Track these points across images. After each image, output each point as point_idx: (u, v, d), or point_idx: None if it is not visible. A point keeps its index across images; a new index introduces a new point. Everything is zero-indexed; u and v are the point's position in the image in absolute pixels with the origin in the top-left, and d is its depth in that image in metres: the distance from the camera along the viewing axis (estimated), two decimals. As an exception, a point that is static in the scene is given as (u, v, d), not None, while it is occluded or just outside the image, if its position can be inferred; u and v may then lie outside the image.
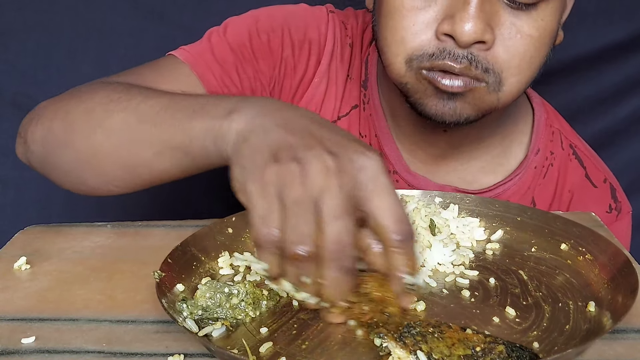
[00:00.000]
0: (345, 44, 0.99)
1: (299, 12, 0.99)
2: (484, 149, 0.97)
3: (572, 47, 1.41)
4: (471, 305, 0.64)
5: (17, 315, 0.65)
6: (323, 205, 0.54)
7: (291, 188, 0.54)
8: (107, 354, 0.58)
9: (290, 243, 0.54)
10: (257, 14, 0.98)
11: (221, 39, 0.94)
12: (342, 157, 0.55)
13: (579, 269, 0.69)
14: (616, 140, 1.48)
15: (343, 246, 0.54)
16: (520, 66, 0.80)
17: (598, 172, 1.01)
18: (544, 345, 0.57)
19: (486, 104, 0.82)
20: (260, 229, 0.55)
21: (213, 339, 0.58)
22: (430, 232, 0.73)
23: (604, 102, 1.45)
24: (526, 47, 0.79)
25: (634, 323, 0.61)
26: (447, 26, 0.77)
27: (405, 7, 0.80)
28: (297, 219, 0.54)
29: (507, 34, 0.78)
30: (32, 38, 1.37)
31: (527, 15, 0.78)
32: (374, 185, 0.55)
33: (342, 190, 0.54)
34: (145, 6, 1.38)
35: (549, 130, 1.00)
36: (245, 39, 0.95)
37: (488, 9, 0.77)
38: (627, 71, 1.43)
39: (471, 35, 0.76)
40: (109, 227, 0.84)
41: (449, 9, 0.78)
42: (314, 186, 0.54)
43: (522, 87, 0.83)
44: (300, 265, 0.55)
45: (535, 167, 0.98)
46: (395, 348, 0.54)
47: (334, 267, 0.55)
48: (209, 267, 0.71)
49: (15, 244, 0.80)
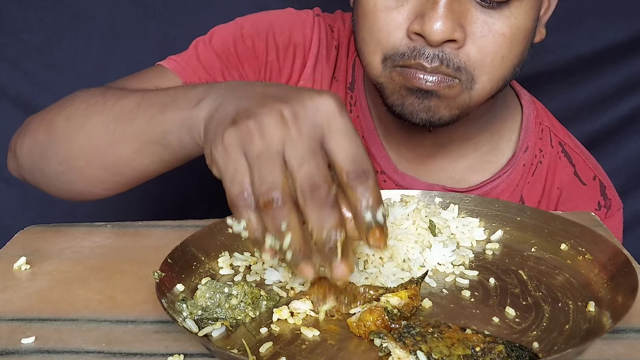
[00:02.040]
0: (331, 46, 1.00)
1: (284, 16, 1.01)
2: (472, 146, 0.97)
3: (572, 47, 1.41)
4: (471, 305, 0.64)
5: (17, 315, 0.65)
6: (287, 154, 0.55)
7: (252, 143, 0.55)
8: (107, 354, 0.58)
9: (261, 193, 0.55)
10: (242, 21, 1.00)
11: (207, 47, 0.97)
12: (295, 105, 0.56)
13: (578, 269, 0.69)
14: (615, 139, 1.48)
15: (317, 184, 0.54)
16: (492, 64, 0.80)
17: (587, 170, 1.01)
18: (543, 345, 0.57)
19: (459, 102, 0.82)
20: (231, 188, 0.56)
21: (213, 339, 0.58)
22: (431, 233, 0.73)
23: (604, 102, 1.46)
24: (498, 46, 0.79)
25: (633, 323, 0.61)
26: (417, 25, 0.78)
27: (378, 7, 0.81)
28: (262, 169, 0.55)
29: (479, 32, 0.79)
30: (34, 38, 1.38)
31: (499, 14, 0.78)
32: (328, 125, 0.56)
33: (301, 135, 0.55)
34: (146, 6, 1.39)
35: (538, 128, 1.00)
36: (230, 44, 0.97)
37: (458, 8, 0.77)
38: (627, 71, 1.44)
39: (439, 35, 0.76)
40: (109, 227, 0.84)
41: (419, 8, 0.78)
42: (274, 137, 0.55)
43: (495, 85, 0.83)
44: (274, 213, 0.55)
45: (524, 165, 0.98)
46: (395, 348, 0.54)
47: (314, 206, 0.55)
48: (209, 267, 0.71)
49: (15, 244, 0.80)
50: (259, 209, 0.55)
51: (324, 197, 0.55)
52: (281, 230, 0.55)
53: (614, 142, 1.48)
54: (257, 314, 0.62)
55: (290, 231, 0.55)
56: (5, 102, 1.41)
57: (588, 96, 1.46)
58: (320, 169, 0.55)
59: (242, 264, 0.71)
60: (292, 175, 0.55)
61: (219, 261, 0.72)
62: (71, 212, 1.44)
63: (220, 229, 0.75)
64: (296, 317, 0.61)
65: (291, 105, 0.56)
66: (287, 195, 0.55)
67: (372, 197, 0.56)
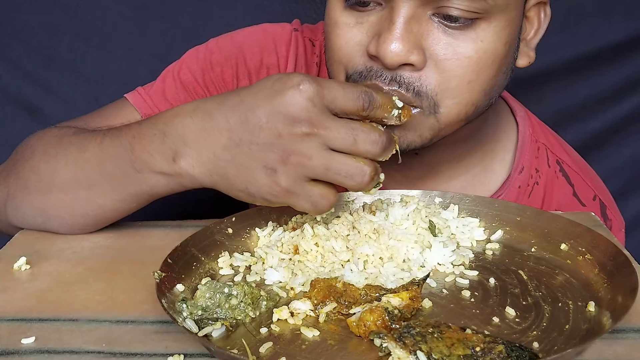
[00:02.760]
0: (311, 63, 0.97)
1: (255, 36, 0.98)
2: (462, 168, 0.93)
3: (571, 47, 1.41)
4: (471, 305, 0.64)
5: (17, 315, 0.65)
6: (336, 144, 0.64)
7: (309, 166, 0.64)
8: (107, 354, 0.58)
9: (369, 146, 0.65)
10: (213, 45, 0.99)
11: (174, 79, 0.97)
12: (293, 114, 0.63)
13: (578, 269, 0.69)
14: (615, 139, 1.48)
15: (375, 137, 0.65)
16: (458, 89, 0.75)
17: (587, 189, 0.97)
18: (543, 345, 0.57)
19: (426, 128, 0.77)
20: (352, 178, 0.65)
21: (213, 339, 0.58)
22: (431, 233, 0.73)
23: (604, 102, 1.45)
24: (463, 69, 0.74)
25: (633, 323, 0.61)
26: (372, 47, 0.74)
27: (339, 25, 0.77)
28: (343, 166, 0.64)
29: (441, 54, 0.73)
30: (35, 39, 1.38)
31: (464, 36, 0.73)
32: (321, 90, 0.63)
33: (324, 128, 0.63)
34: (145, 6, 1.38)
35: (534, 146, 0.95)
36: (199, 76, 0.97)
37: (417, 29, 0.72)
38: (627, 71, 1.43)
39: (394, 57, 0.72)
40: (109, 227, 0.84)
41: (377, 27, 0.74)
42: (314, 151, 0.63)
43: (465, 109, 0.77)
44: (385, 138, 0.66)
45: (519, 187, 0.93)
46: (395, 348, 0.54)
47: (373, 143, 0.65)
48: (208, 267, 0.71)
49: (15, 245, 0.80)
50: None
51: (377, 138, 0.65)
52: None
53: (614, 142, 1.48)
54: (257, 314, 0.62)
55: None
56: (6, 102, 1.40)
57: (588, 95, 1.46)
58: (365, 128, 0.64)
59: (242, 264, 0.72)
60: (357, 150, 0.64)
61: (219, 261, 0.72)
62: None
63: (220, 229, 0.75)
64: (296, 317, 0.61)
65: (299, 118, 0.63)
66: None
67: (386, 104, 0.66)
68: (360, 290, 0.63)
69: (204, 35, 1.04)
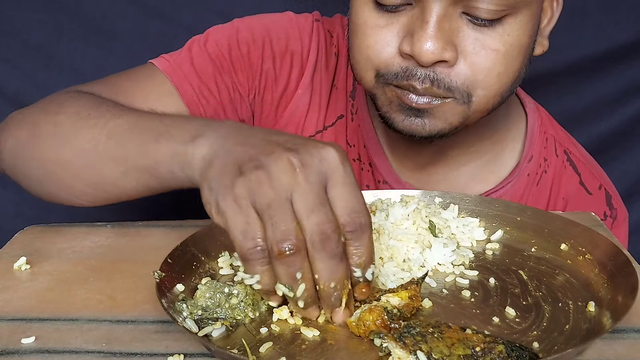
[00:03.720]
0: (330, 54, 0.98)
1: (282, 22, 0.99)
2: (473, 154, 0.96)
3: (577, 48, 1.41)
4: (471, 305, 0.64)
5: (17, 315, 0.65)
6: (296, 203, 0.55)
7: (261, 193, 0.56)
8: (107, 354, 0.58)
9: (274, 243, 0.55)
10: (239, 24, 0.98)
11: (201, 50, 0.95)
12: (301, 153, 0.57)
13: (579, 269, 0.69)
14: (621, 141, 1.47)
15: (327, 234, 0.55)
16: (487, 81, 0.78)
17: (593, 179, 1.00)
18: (544, 345, 0.57)
19: (457, 115, 0.80)
20: (243, 243, 0.56)
21: (213, 339, 0.58)
22: (431, 233, 0.73)
23: (610, 103, 1.45)
24: (492, 63, 0.77)
25: (634, 323, 0.61)
26: (407, 46, 0.76)
27: (369, 25, 0.79)
28: (274, 219, 0.55)
29: (471, 49, 0.77)
30: (33, 37, 1.38)
31: (492, 31, 0.76)
32: (332, 175, 0.57)
33: (309, 183, 0.56)
34: (145, 5, 1.38)
35: (542, 137, 0.98)
36: (225, 50, 0.95)
37: (448, 27, 0.75)
38: (633, 72, 1.43)
39: (429, 56, 0.74)
40: (109, 227, 0.84)
41: (409, 27, 0.77)
42: (283, 185, 0.56)
43: (493, 100, 0.81)
44: (289, 262, 0.55)
45: (529, 175, 0.96)
46: (395, 348, 0.54)
47: (324, 256, 0.56)
48: (208, 267, 0.71)
49: (15, 244, 0.80)
50: (272, 258, 0.56)
51: (334, 248, 0.56)
52: (296, 279, 0.56)
53: (621, 144, 1.47)
54: (257, 315, 0.62)
55: (304, 281, 0.57)
56: (4, 102, 1.40)
57: (594, 98, 1.45)
58: (330, 218, 0.56)
59: (242, 264, 0.71)
60: (301, 224, 0.55)
61: (219, 261, 0.72)
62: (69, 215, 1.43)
63: (220, 229, 0.75)
64: (296, 317, 0.61)
65: (298, 153, 0.57)
66: (301, 243, 0.56)
67: (364, 255, 0.57)
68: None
69: (204, 35, 1.04)
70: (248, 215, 0.56)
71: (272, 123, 0.98)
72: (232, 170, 0.58)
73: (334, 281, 0.57)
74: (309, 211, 0.55)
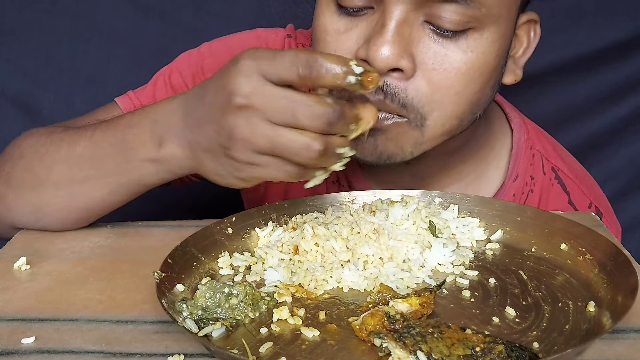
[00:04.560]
0: None
1: (249, 41, 0.98)
2: (455, 176, 0.92)
3: (571, 46, 1.41)
4: (471, 305, 0.64)
5: (17, 315, 0.65)
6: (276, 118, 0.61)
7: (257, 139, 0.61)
8: (107, 354, 0.58)
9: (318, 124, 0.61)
10: (205, 50, 0.99)
11: (165, 84, 0.98)
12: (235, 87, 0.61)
13: (578, 269, 0.69)
14: (615, 140, 1.48)
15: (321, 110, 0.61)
16: (444, 100, 0.74)
17: (583, 197, 0.95)
18: (543, 345, 0.57)
19: (409, 141, 0.76)
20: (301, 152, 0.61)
21: (213, 339, 0.58)
22: (431, 233, 0.73)
23: (604, 101, 1.45)
24: (451, 81, 0.73)
25: (633, 323, 0.61)
26: (362, 51, 0.72)
27: (328, 31, 0.76)
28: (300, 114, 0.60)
29: (430, 64, 0.73)
30: (33, 38, 1.38)
31: (454, 45, 0.72)
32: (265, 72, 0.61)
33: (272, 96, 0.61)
34: (145, 6, 1.38)
35: (528, 153, 0.94)
36: (189, 81, 0.97)
37: (408, 34, 0.72)
38: (627, 70, 1.43)
39: (385, 61, 0.70)
40: (109, 227, 0.84)
41: (367, 32, 0.73)
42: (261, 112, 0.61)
43: (448, 122, 0.77)
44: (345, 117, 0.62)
45: (514, 195, 0.93)
46: (395, 348, 0.54)
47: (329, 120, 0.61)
48: (208, 267, 0.71)
49: (15, 244, 0.80)
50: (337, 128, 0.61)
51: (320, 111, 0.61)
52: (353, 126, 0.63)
53: (614, 142, 1.48)
54: (257, 315, 0.62)
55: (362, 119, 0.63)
56: (5, 102, 1.40)
57: (588, 96, 1.46)
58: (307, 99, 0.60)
59: (242, 264, 0.71)
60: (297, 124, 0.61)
61: (219, 261, 0.72)
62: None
63: (220, 229, 0.75)
64: (296, 317, 0.61)
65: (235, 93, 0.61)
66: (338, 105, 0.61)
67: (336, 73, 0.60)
68: (372, 293, 0.63)
69: (204, 36, 1.04)
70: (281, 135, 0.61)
71: None
72: (219, 152, 0.64)
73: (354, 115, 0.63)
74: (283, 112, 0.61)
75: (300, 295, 0.66)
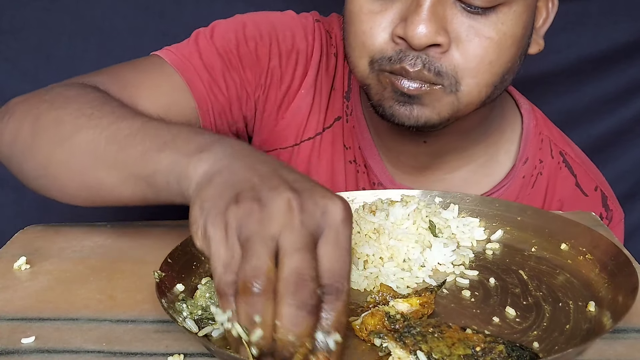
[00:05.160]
0: (330, 54, 0.98)
1: (286, 20, 0.98)
2: (468, 158, 0.95)
3: (576, 48, 1.40)
4: (471, 305, 0.64)
5: (17, 315, 0.65)
6: (282, 240, 0.50)
7: (247, 224, 0.51)
8: (107, 353, 0.58)
9: (242, 277, 0.50)
10: (244, 19, 0.97)
11: (208, 43, 0.93)
12: (305, 198, 0.52)
13: (579, 269, 0.69)
14: (621, 142, 1.47)
15: (304, 280, 0.49)
16: (478, 69, 0.79)
17: (589, 180, 0.99)
18: (544, 345, 0.57)
19: (445, 105, 0.81)
20: (222, 276, 0.51)
21: (213, 339, 0.58)
22: (431, 233, 0.73)
23: (609, 103, 1.45)
24: (485, 50, 0.78)
25: (634, 322, 0.61)
26: (400, 29, 0.77)
27: (363, 11, 0.80)
28: (250, 252, 0.50)
29: (464, 36, 0.78)
30: (32, 37, 1.37)
31: (485, 19, 0.78)
32: (329, 232, 0.52)
33: (303, 226, 0.51)
34: (145, 4, 1.38)
35: (537, 138, 0.98)
36: (233, 45, 0.93)
37: (441, 12, 0.76)
38: (632, 72, 1.43)
39: (422, 38, 0.76)
40: (109, 227, 0.84)
41: (403, 12, 0.78)
42: (273, 222, 0.51)
43: (484, 90, 0.81)
44: (251, 302, 0.49)
45: (524, 177, 0.96)
46: (395, 348, 0.54)
47: (291, 302, 0.49)
48: (208, 267, 0.70)
49: (15, 244, 0.80)
50: (239, 294, 0.50)
51: (306, 297, 0.49)
52: (253, 321, 0.50)
53: (620, 145, 1.47)
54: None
55: (262, 327, 0.50)
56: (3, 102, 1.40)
57: (592, 98, 1.45)
58: (312, 266, 0.50)
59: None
60: (280, 262, 0.50)
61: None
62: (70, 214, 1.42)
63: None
64: None
65: (301, 197, 0.52)
66: (270, 285, 0.49)
67: (333, 321, 0.51)
68: (372, 292, 0.63)
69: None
70: (233, 247, 0.51)
71: (274, 122, 0.97)
72: (228, 195, 0.53)
73: (294, 334, 0.49)
74: (293, 250, 0.50)
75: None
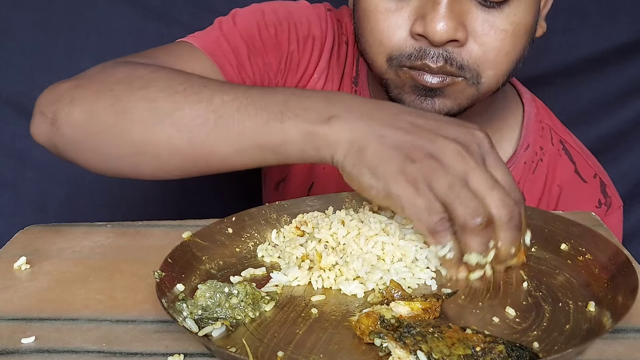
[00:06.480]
0: (341, 42, 1.01)
1: (301, 8, 1.01)
2: None
3: (575, 48, 1.40)
4: (471, 305, 0.64)
5: (17, 315, 0.65)
6: (474, 183, 0.62)
7: (439, 179, 0.61)
8: (107, 353, 0.58)
9: (468, 218, 0.61)
10: (262, 7, 0.99)
11: (232, 28, 0.95)
12: (462, 140, 0.63)
13: (579, 269, 0.69)
14: (621, 143, 1.47)
15: (511, 208, 0.62)
16: (496, 60, 0.83)
17: (588, 168, 1.02)
18: (544, 345, 0.57)
19: (466, 96, 0.85)
20: (429, 218, 0.62)
21: (213, 338, 0.58)
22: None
23: (609, 104, 1.45)
24: (501, 43, 0.82)
25: (634, 322, 0.61)
26: (419, 27, 0.80)
27: (379, 10, 0.82)
28: (461, 198, 0.61)
29: (480, 30, 0.81)
30: (29, 37, 1.37)
31: (499, 12, 0.81)
32: (488, 157, 0.64)
33: (480, 166, 0.62)
34: (143, 4, 1.38)
35: (538, 126, 1.01)
36: (255, 30, 0.96)
37: (458, 8, 0.79)
38: (632, 72, 1.43)
39: (443, 35, 0.79)
40: (109, 227, 0.84)
41: (420, 10, 0.81)
42: (458, 171, 0.62)
43: (501, 79, 0.86)
44: (483, 233, 0.62)
45: (525, 163, 0.99)
46: (395, 348, 0.54)
47: (511, 227, 0.63)
48: (209, 267, 0.70)
49: (15, 244, 0.80)
50: (466, 232, 0.62)
51: (517, 220, 0.63)
52: (488, 247, 0.64)
53: (620, 146, 1.47)
54: (257, 315, 0.62)
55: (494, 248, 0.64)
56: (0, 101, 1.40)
57: (592, 98, 1.45)
58: (508, 193, 0.63)
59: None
60: (484, 202, 0.62)
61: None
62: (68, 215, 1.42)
63: (220, 229, 0.75)
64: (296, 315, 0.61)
65: (459, 141, 0.63)
66: (490, 216, 0.62)
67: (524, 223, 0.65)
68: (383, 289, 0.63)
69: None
70: (428, 196, 0.61)
71: None
72: (398, 157, 0.62)
73: (515, 247, 0.65)
74: (488, 189, 0.62)
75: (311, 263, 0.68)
